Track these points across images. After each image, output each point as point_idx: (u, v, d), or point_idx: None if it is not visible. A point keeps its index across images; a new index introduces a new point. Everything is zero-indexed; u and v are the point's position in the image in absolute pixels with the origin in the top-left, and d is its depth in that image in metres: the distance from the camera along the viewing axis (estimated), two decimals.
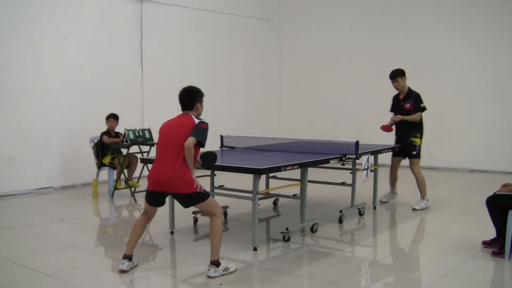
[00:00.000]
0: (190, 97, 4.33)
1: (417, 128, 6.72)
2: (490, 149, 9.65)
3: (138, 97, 9.40)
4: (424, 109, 6.71)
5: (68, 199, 7.73)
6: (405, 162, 6.90)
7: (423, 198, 6.65)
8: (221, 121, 10.69)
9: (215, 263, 4.06)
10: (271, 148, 6.31)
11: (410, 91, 6.75)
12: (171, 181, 4.00)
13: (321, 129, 11.31)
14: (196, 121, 4.15)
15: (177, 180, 3.99)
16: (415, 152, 6.68)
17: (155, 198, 4.21)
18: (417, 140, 6.72)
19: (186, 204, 4.19)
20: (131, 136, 7.29)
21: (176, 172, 3.99)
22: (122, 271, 4.20)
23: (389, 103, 7.24)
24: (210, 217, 4.18)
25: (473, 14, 9.80)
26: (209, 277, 4.04)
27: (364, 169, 5.85)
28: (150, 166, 7.39)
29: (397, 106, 6.78)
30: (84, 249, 4.95)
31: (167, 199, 4.46)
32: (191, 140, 3.96)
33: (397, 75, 6.66)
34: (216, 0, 10.87)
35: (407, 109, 6.67)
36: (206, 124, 4.19)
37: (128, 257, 4.26)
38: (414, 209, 6.54)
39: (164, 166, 4.05)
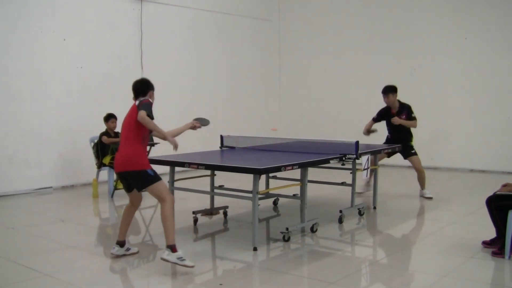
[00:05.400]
0: (144, 85, 4.50)
1: (411, 134, 7.31)
2: (490, 149, 9.65)
3: None
4: (415, 118, 7.25)
5: (68, 199, 7.73)
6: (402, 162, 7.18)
7: (424, 188, 7.32)
8: (221, 121, 10.70)
9: (171, 247, 4.12)
10: (271, 148, 6.31)
11: (401, 104, 7.25)
12: (123, 161, 4.30)
13: (321, 129, 11.31)
14: (137, 102, 4.37)
15: (127, 159, 4.27)
16: (413, 150, 7.28)
17: (126, 182, 4.44)
18: (413, 143, 7.36)
19: (138, 185, 4.35)
20: None
21: (127, 151, 4.31)
22: (113, 255, 4.52)
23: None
24: (160, 202, 4.30)
25: (473, 14, 9.80)
26: (162, 259, 4.12)
27: (364, 169, 5.85)
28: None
29: (388, 117, 7.24)
30: (84, 249, 4.95)
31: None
32: (142, 113, 4.16)
33: (389, 91, 7.18)
34: (216, 0, 10.87)
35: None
36: (148, 100, 4.36)
37: (120, 243, 4.56)
38: (430, 198, 7.16)
39: (120, 149, 4.40)
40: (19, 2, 7.83)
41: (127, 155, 4.31)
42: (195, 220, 5.85)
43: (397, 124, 7.10)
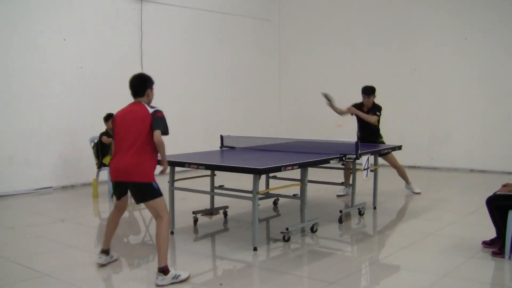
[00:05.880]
0: (141, 83, 4.24)
1: (379, 132, 7.28)
2: (490, 149, 9.65)
3: None
4: (378, 116, 7.14)
5: (68, 199, 7.73)
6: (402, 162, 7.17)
7: (410, 183, 7.52)
8: (221, 121, 10.71)
9: (163, 270, 3.87)
10: (271, 148, 6.31)
11: (374, 105, 7.22)
12: (128, 170, 4.01)
13: (321, 129, 11.31)
14: (150, 110, 4.09)
15: (133, 169, 4.00)
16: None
17: (120, 190, 4.24)
18: (383, 140, 7.34)
19: (138, 197, 4.12)
20: None
21: (133, 161, 4.00)
22: (100, 265, 4.35)
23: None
24: (156, 219, 4.05)
25: (473, 14, 9.80)
26: (157, 285, 3.86)
27: (364, 169, 5.85)
28: None
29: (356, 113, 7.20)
30: (84, 249, 4.95)
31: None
32: (158, 134, 3.98)
33: (372, 92, 7.17)
34: (216, 0, 10.87)
35: None
36: (161, 112, 4.12)
37: (105, 252, 4.39)
38: (417, 193, 7.42)
39: (122, 156, 4.05)
40: (19, 2, 7.83)
41: (136, 164, 4.00)
42: (195, 220, 5.85)
43: (352, 113, 7.17)
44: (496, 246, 4.63)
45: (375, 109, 7.15)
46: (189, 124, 10.20)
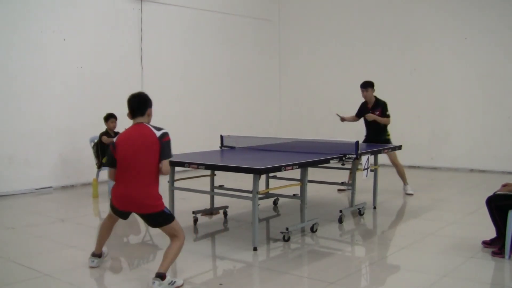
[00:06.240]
0: (142, 102, 4.02)
1: (386, 129, 7.40)
2: (490, 149, 9.65)
3: None
4: (389, 116, 7.34)
5: (68, 199, 7.73)
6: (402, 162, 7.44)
7: (406, 184, 7.55)
8: (221, 121, 10.71)
9: (161, 276, 3.77)
10: (271, 148, 6.31)
11: (377, 100, 7.38)
12: (140, 203, 3.89)
13: (321, 129, 11.32)
14: (157, 134, 3.89)
15: (144, 201, 3.88)
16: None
17: (121, 213, 4.14)
18: (390, 138, 7.42)
19: (153, 224, 4.03)
20: None
21: (143, 192, 3.87)
22: (93, 268, 4.31)
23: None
24: (171, 238, 3.99)
25: (473, 14, 9.80)
26: None
27: (364, 169, 5.85)
28: None
29: (365, 112, 7.39)
30: (84, 249, 4.95)
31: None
32: (167, 164, 3.92)
33: (369, 85, 7.36)
34: (216, 0, 10.87)
35: (376, 115, 7.32)
36: (168, 135, 3.94)
37: (97, 255, 4.35)
38: (410, 194, 7.43)
39: (132, 187, 3.88)
40: (19, 2, 7.83)
41: (147, 196, 3.87)
42: (195, 220, 5.85)
43: (371, 120, 7.24)
44: (496, 246, 4.63)
45: (381, 107, 7.28)
46: (189, 124, 10.20)
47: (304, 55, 12.09)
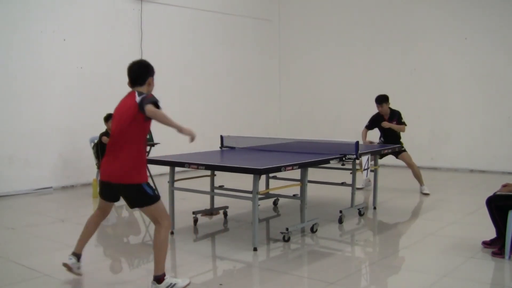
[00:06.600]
0: (143, 70, 3.80)
1: (400, 136, 7.71)
2: (490, 149, 9.65)
3: None
4: (405, 123, 7.64)
5: (68, 199, 7.73)
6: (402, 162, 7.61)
7: (423, 184, 7.60)
8: (221, 121, 10.71)
9: (158, 279, 3.60)
10: (271, 148, 6.31)
11: (392, 111, 7.63)
12: (121, 171, 3.62)
13: (321, 129, 11.32)
14: (138, 99, 3.59)
15: (128, 170, 3.61)
16: (403, 148, 7.58)
17: (108, 191, 3.84)
18: (403, 144, 7.65)
19: (134, 202, 3.73)
20: None
21: (127, 160, 3.62)
22: (66, 265, 3.95)
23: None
24: (155, 225, 3.69)
25: (473, 14, 9.79)
26: None
27: (364, 169, 5.85)
28: (150, 166, 7.43)
29: (380, 123, 7.63)
30: (84, 249, 4.94)
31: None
32: (150, 108, 3.51)
33: (384, 101, 7.56)
34: (216, 0, 10.87)
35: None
36: (151, 95, 3.68)
37: (77, 256, 4.02)
38: (426, 194, 7.47)
39: (114, 156, 3.67)
40: (19, 2, 7.83)
41: (127, 165, 3.62)
42: (195, 220, 5.85)
43: (387, 127, 7.50)
44: (496, 246, 4.63)
45: (397, 116, 7.57)
46: (189, 124, 9.94)
47: (304, 55, 12.09)
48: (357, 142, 5.55)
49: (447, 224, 5.81)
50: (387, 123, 7.49)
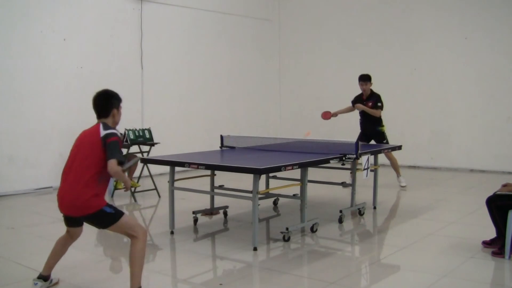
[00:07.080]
0: (105, 102, 3.72)
1: (380, 120, 7.82)
2: (490, 149, 9.64)
3: (138, 97, 9.39)
4: (382, 107, 7.76)
5: None
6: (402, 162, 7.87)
7: (400, 175, 7.92)
8: (221, 121, 10.71)
9: None
10: (271, 148, 6.31)
11: (372, 93, 7.82)
12: (75, 204, 3.51)
13: (321, 129, 11.31)
14: (102, 133, 3.53)
15: (76, 204, 3.49)
16: (385, 140, 7.74)
17: (71, 221, 3.76)
18: (383, 128, 7.82)
19: (99, 225, 3.66)
20: (131, 136, 7.30)
21: (76, 194, 3.49)
22: None
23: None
24: (130, 238, 3.56)
25: (473, 14, 9.79)
26: None
27: (364, 169, 5.85)
28: (150, 166, 7.46)
29: (360, 103, 7.84)
30: (84, 249, 4.95)
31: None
32: (113, 164, 3.42)
33: (369, 79, 7.83)
34: (216, 0, 10.87)
35: (369, 107, 7.75)
36: (116, 135, 3.56)
37: (44, 278, 3.80)
38: (402, 187, 7.85)
39: (67, 188, 3.57)
40: (19, 2, 7.83)
41: (86, 195, 3.46)
42: (195, 220, 5.85)
43: (360, 110, 7.75)
44: (496, 246, 4.63)
45: (375, 98, 7.71)
46: (189, 124, 10.20)
47: (304, 55, 12.09)
48: (357, 142, 5.55)
49: (447, 224, 5.81)
50: (361, 106, 7.70)
